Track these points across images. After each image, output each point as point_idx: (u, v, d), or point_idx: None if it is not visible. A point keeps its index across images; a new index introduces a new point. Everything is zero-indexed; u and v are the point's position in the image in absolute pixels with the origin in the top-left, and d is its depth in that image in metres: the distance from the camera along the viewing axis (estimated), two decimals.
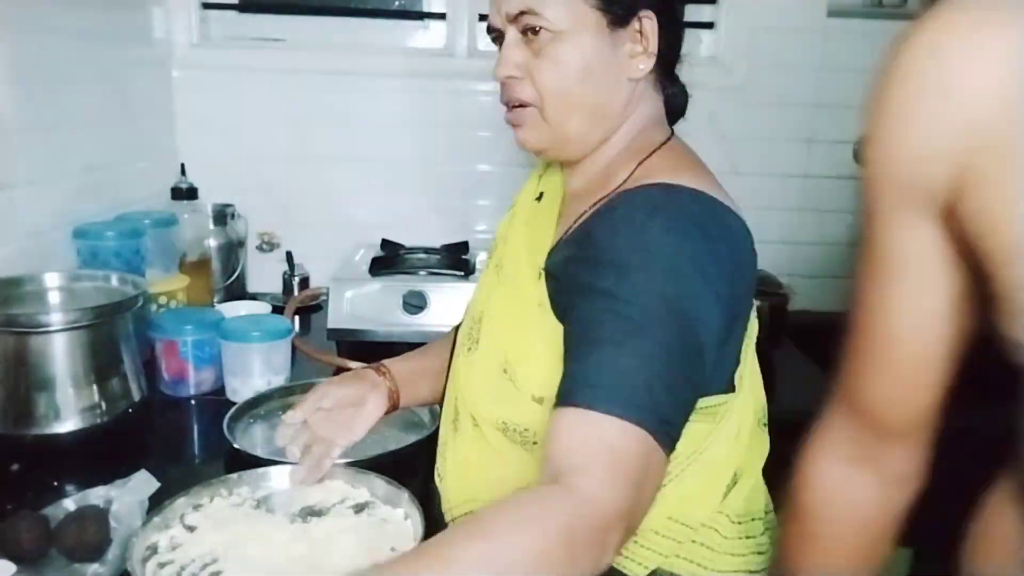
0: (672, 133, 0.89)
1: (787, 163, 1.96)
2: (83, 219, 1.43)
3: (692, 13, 1.94)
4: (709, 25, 1.92)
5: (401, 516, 0.90)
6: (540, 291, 0.82)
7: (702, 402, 0.77)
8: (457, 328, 1.05)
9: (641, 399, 0.67)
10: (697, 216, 0.76)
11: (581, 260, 0.77)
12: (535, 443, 0.81)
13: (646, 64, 0.82)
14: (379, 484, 0.95)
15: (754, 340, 0.89)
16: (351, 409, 1.01)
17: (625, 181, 0.81)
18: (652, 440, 0.67)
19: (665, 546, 0.80)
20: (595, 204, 0.81)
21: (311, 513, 0.92)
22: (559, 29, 0.79)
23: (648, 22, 0.81)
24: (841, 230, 2.01)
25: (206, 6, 1.89)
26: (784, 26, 1.87)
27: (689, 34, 0.90)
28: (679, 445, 0.74)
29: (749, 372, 0.85)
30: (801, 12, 1.87)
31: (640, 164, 0.82)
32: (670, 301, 0.71)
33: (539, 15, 0.79)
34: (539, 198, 0.95)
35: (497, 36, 0.86)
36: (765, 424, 0.91)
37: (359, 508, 0.94)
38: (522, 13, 0.80)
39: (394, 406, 1.05)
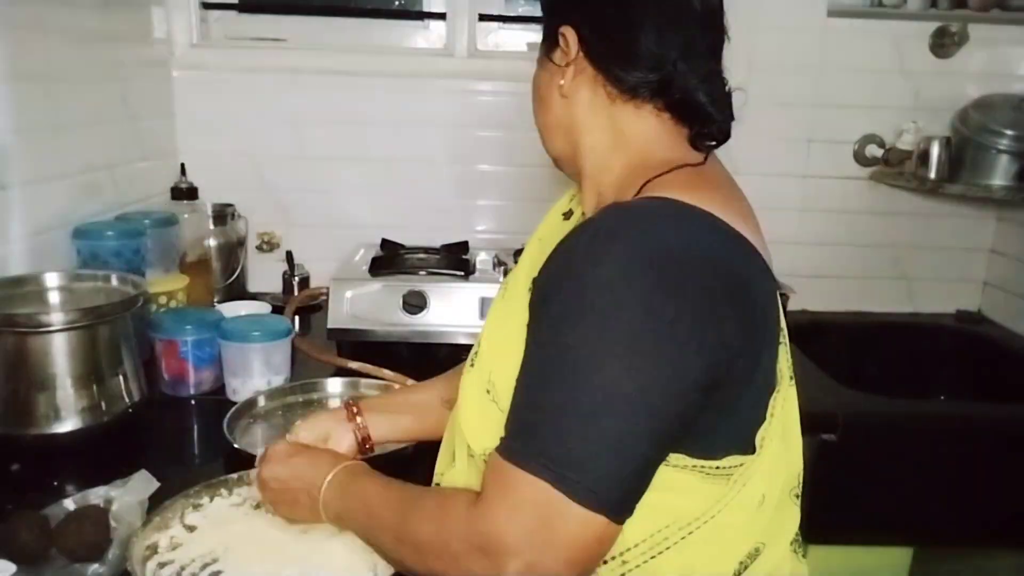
0: (705, 158, 0.80)
1: (787, 163, 1.96)
2: (83, 219, 1.43)
3: None
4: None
5: None
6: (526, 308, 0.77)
7: (711, 462, 0.70)
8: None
9: (551, 448, 0.65)
10: (678, 247, 0.67)
11: (541, 281, 0.73)
12: None
13: (568, 74, 0.81)
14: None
15: (790, 399, 0.81)
16: (319, 445, 0.99)
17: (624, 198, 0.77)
18: (558, 494, 0.63)
19: None
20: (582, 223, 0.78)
21: None
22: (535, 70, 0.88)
23: (567, 35, 0.80)
24: (841, 230, 2.01)
25: (206, 6, 1.89)
26: (784, 26, 1.87)
27: None
28: (681, 507, 0.71)
29: (779, 434, 0.76)
30: (801, 12, 1.87)
31: (648, 183, 0.75)
32: (632, 346, 0.64)
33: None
34: (567, 215, 0.95)
35: None
36: (798, 496, 0.84)
37: None
38: None
39: (366, 443, 1.01)
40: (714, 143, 0.83)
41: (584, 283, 0.66)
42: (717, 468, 0.71)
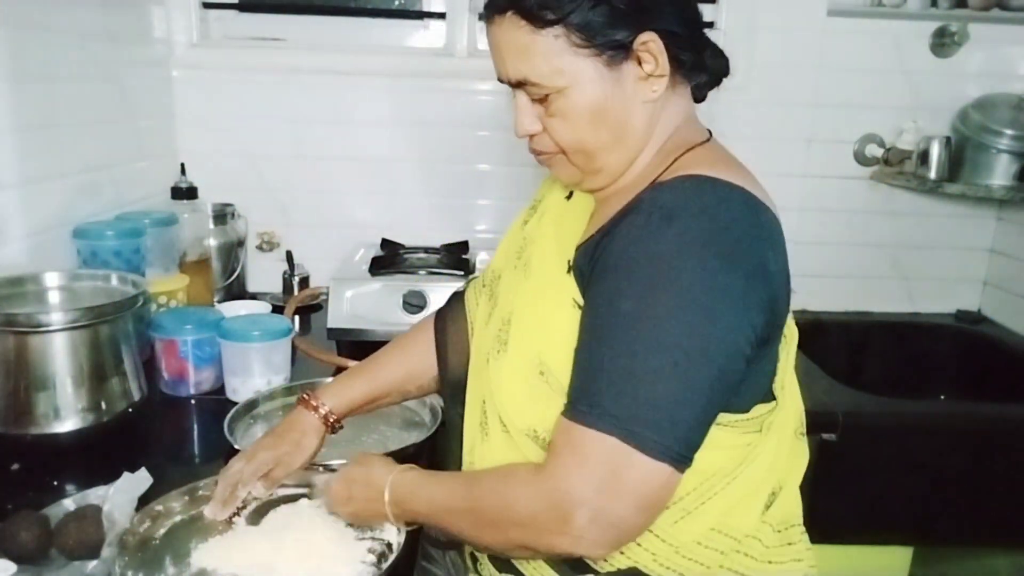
0: (710, 135, 0.89)
1: (787, 163, 1.96)
2: (83, 219, 1.43)
3: None
4: (709, 25, 1.91)
5: None
6: (571, 285, 0.81)
7: (743, 417, 0.79)
8: (442, 317, 1.05)
9: (620, 408, 0.71)
10: (726, 219, 0.74)
11: (603, 259, 0.77)
12: None
13: (660, 84, 0.81)
14: None
15: (794, 348, 0.87)
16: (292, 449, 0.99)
17: (661, 175, 0.81)
18: (625, 447, 0.70)
19: (708, 557, 0.80)
20: (630, 202, 0.81)
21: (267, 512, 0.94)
22: (560, 87, 0.79)
23: (652, 44, 0.79)
24: (841, 230, 2.01)
25: (206, 6, 1.89)
26: (784, 26, 1.87)
27: None
28: (722, 459, 0.78)
29: (789, 382, 0.85)
30: (801, 12, 1.87)
31: (676, 160, 0.82)
32: (691, 315, 0.71)
33: (537, 84, 0.80)
34: (569, 196, 0.94)
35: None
36: (803, 434, 0.90)
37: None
38: (520, 83, 0.82)
39: (333, 420, 1.02)
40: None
41: (648, 256, 0.73)
42: (748, 420, 0.79)
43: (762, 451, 0.81)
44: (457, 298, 1.06)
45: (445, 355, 1.02)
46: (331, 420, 1.02)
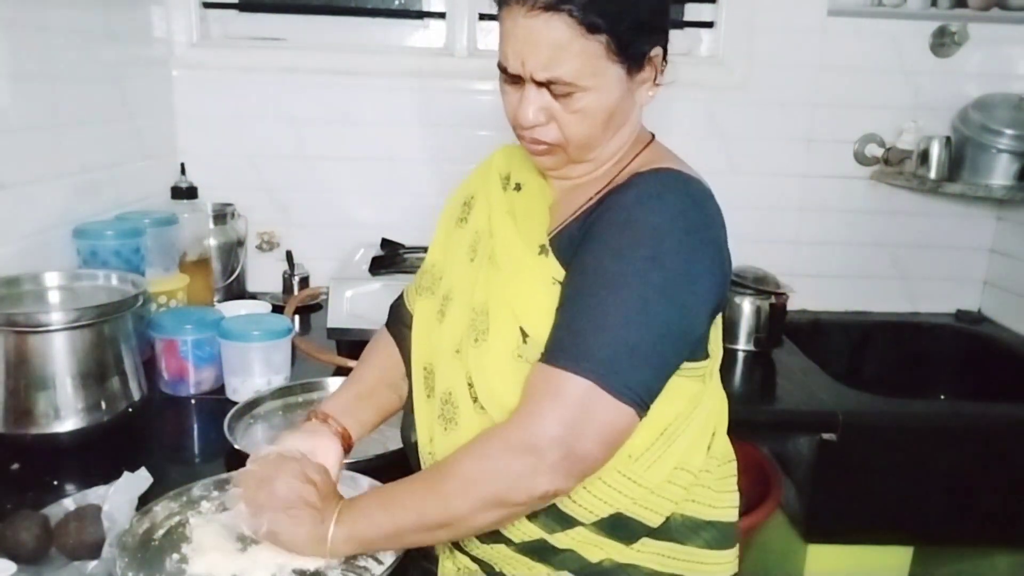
0: (652, 136, 0.97)
1: (787, 163, 1.96)
2: (83, 218, 1.43)
3: (692, 13, 1.94)
4: (709, 25, 1.92)
5: None
6: (549, 264, 0.87)
7: (696, 367, 0.88)
8: (396, 327, 1.05)
9: (598, 355, 0.78)
10: (699, 202, 0.85)
11: (590, 233, 0.84)
12: None
13: (655, 91, 0.90)
14: (365, 485, 0.98)
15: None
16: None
17: (624, 169, 0.90)
18: (598, 389, 0.78)
19: (676, 493, 0.88)
20: (601, 190, 0.89)
21: None
22: (588, 88, 0.84)
23: (657, 58, 0.88)
24: (841, 230, 2.01)
25: (206, 5, 1.89)
26: (784, 26, 1.87)
27: (689, 33, 0.91)
28: (681, 405, 0.87)
29: (715, 337, 0.94)
30: (801, 12, 1.87)
31: (637, 155, 0.92)
32: (670, 278, 0.80)
33: (569, 83, 0.83)
34: (517, 188, 0.97)
35: (515, 77, 0.86)
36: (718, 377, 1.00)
37: None
38: (550, 82, 0.83)
39: (348, 445, 0.98)
40: None
41: (637, 228, 0.82)
42: (697, 370, 0.89)
43: (706, 396, 0.91)
44: (398, 307, 1.08)
45: (409, 357, 1.01)
46: (347, 439, 0.99)
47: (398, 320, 1.07)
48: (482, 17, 1.93)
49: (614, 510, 0.86)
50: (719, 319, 0.93)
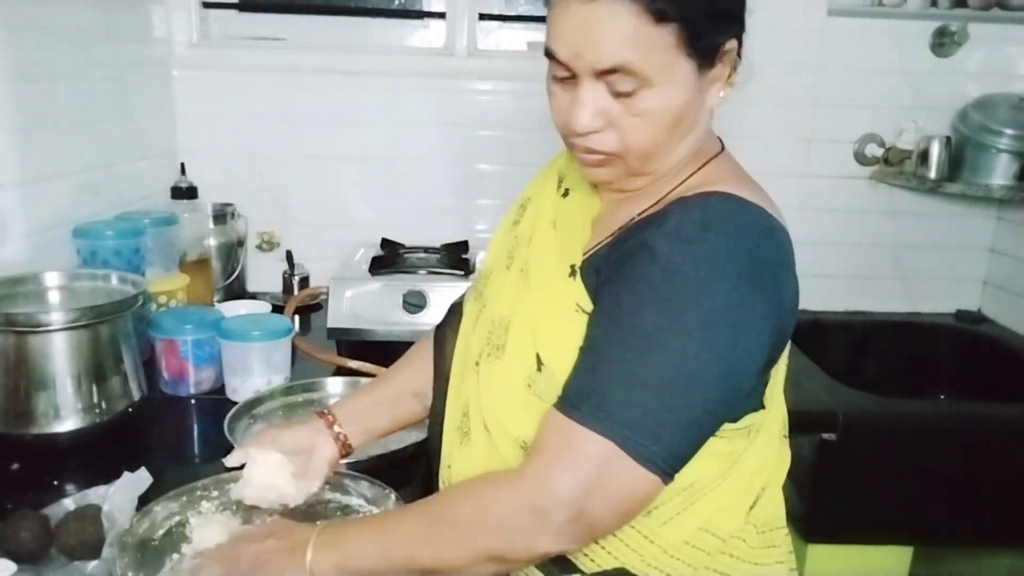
0: (723, 145, 0.86)
1: (787, 163, 1.96)
2: (83, 218, 1.43)
3: None
4: None
5: None
6: (576, 290, 0.79)
7: (738, 427, 0.78)
8: (442, 328, 0.99)
9: (623, 415, 0.70)
10: (753, 242, 0.74)
11: (624, 267, 0.76)
12: None
13: (727, 91, 0.80)
14: (365, 487, 0.97)
15: (786, 357, 0.86)
16: (303, 457, 0.95)
17: (676, 188, 0.80)
18: (620, 452, 0.69)
19: (695, 557, 0.79)
20: (644, 211, 0.80)
21: (305, 517, 0.92)
22: (657, 83, 0.73)
23: (732, 52, 0.78)
24: (841, 230, 2.01)
25: (206, 5, 1.89)
26: (784, 26, 1.87)
27: None
28: (713, 463, 0.77)
29: (777, 389, 0.85)
30: (801, 12, 1.87)
31: (693, 174, 0.81)
32: (715, 337, 0.71)
33: (637, 73, 0.72)
34: (565, 194, 0.90)
35: (566, 76, 0.76)
36: (786, 436, 0.90)
37: (346, 511, 0.96)
38: (615, 70, 0.73)
39: (346, 451, 0.97)
40: None
41: (678, 271, 0.71)
42: (736, 430, 0.78)
43: (750, 455, 0.81)
44: (454, 309, 1.02)
45: (440, 365, 0.97)
46: (344, 454, 0.98)
47: (446, 322, 1.00)
48: (482, 17, 1.93)
49: (619, 563, 0.78)
50: (782, 367, 0.84)
